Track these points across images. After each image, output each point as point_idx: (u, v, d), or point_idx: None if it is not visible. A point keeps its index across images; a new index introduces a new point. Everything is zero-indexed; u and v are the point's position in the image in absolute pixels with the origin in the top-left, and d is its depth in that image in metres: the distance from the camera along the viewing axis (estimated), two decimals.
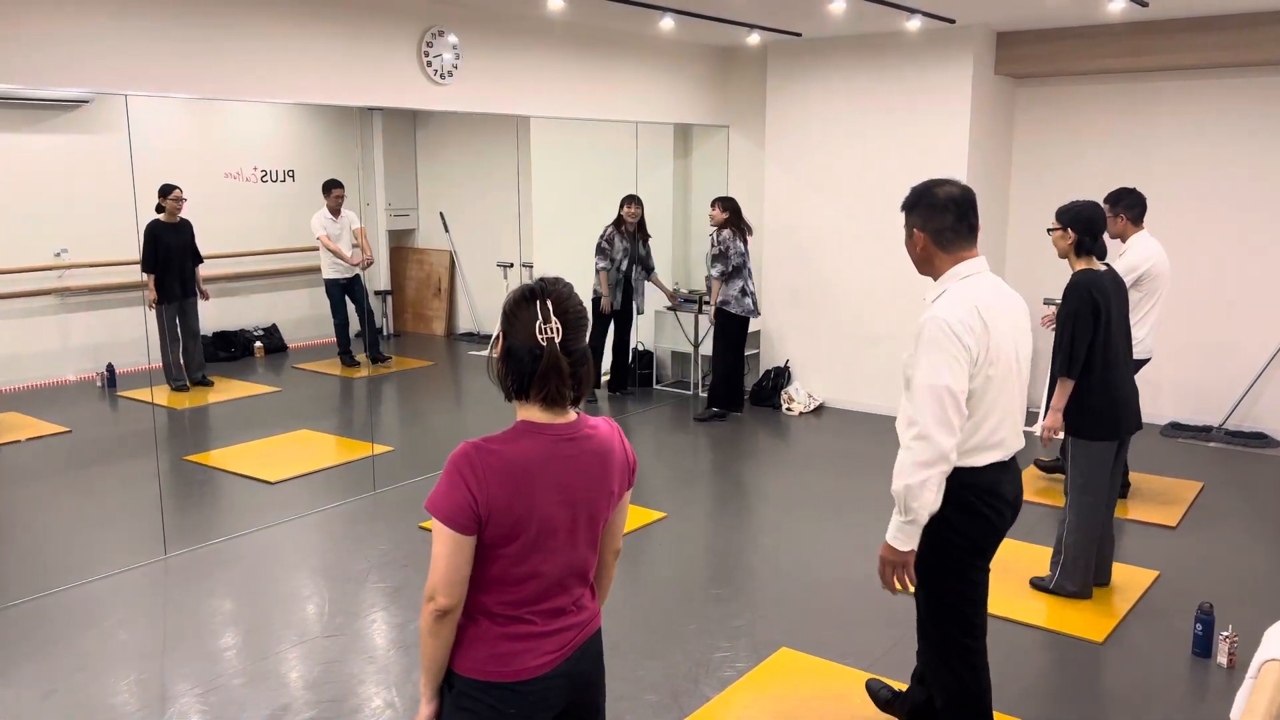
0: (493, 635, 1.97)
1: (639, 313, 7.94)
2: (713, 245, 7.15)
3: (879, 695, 3.44)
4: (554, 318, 1.91)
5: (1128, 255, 5.21)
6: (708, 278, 7.28)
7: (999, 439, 2.74)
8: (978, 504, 2.75)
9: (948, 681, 2.92)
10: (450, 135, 9.89)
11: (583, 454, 1.99)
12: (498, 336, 1.98)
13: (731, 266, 7.09)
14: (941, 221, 2.73)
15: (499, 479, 1.89)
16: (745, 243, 7.20)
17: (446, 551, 1.89)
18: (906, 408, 2.73)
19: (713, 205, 7.24)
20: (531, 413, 1.97)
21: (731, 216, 7.16)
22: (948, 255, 2.75)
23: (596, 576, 2.15)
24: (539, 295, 1.93)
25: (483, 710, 1.97)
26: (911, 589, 2.82)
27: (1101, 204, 5.28)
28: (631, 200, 7.63)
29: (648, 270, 7.84)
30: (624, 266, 7.69)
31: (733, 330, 7.24)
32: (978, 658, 2.90)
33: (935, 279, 2.79)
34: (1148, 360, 5.36)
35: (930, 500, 2.63)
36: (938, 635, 2.90)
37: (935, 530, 2.75)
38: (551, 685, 2.01)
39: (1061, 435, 4.26)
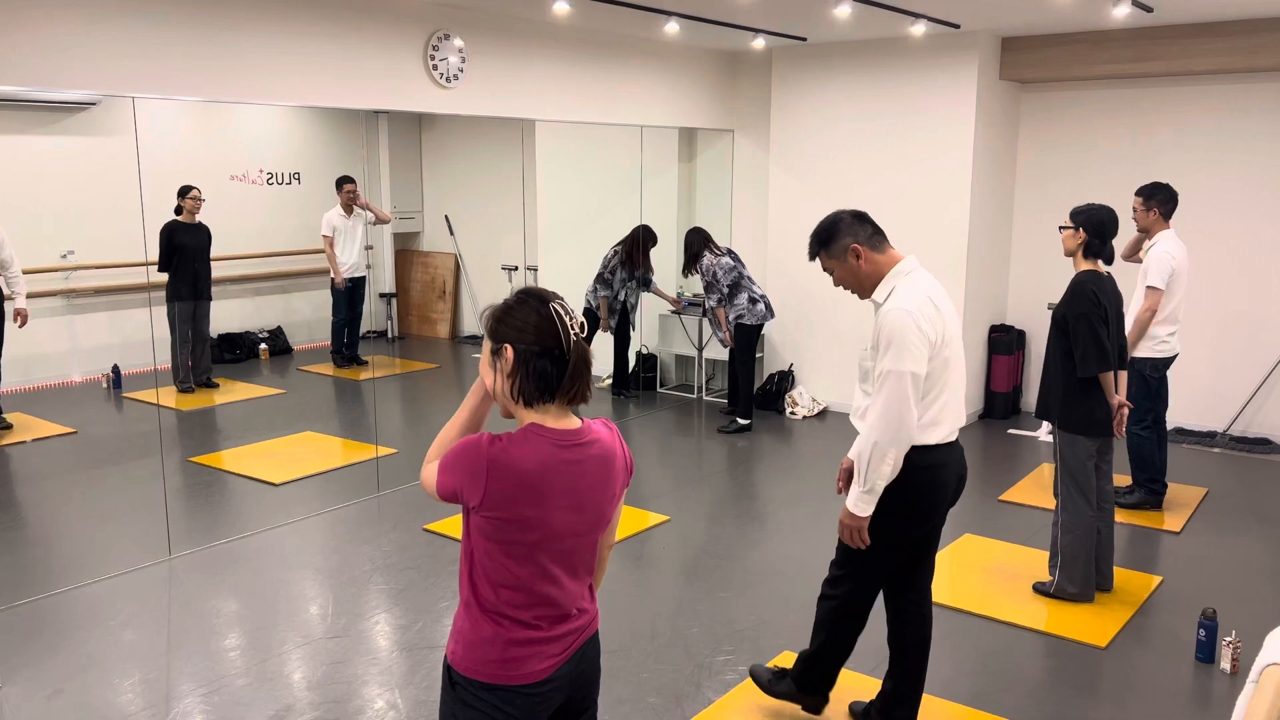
0: (502, 640, 1.98)
1: (633, 328, 8.04)
2: (702, 276, 7.12)
3: (857, 713, 3.49)
4: (576, 316, 1.95)
5: (1156, 249, 5.23)
6: (710, 309, 7.21)
7: (944, 416, 2.98)
8: (922, 482, 3.00)
9: (836, 610, 3.25)
10: (456, 138, 9.92)
11: (588, 460, 1.99)
12: (499, 350, 1.94)
13: (726, 287, 7.02)
14: (865, 230, 3.03)
15: (499, 479, 1.89)
16: (730, 254, 7.12)
17: (437, 480, 1.98)
18: (861, 400, 3.07)
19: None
20: (543, 419, 1.96)
21: (694, 251, 7.10)
22: (883, 256, 3.02)
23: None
24: (548, 298, 1.95)
25: (485, 709, 2.00)
26: (866, 544, 3.06)
27: (1134, 195, 5.36)
28: (651, 240, 7.67)
29: (645, 284, 7.86)
30: (622, 296, 7.78)
31: (751, 340, 7.19)
32: (869, 601, 3.22)
33: (881, 279, 3.02)
34: (1174, 358, 5.39)
35: (887, 472, 2.92)
36: (845, 582, 3.20)
37: (884, 502, 3.00)
38: (552, 687, 2.04)
39: (1125, 412, 4.34)
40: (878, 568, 3.16)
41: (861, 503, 2.98)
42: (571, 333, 1.92)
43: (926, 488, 3.02)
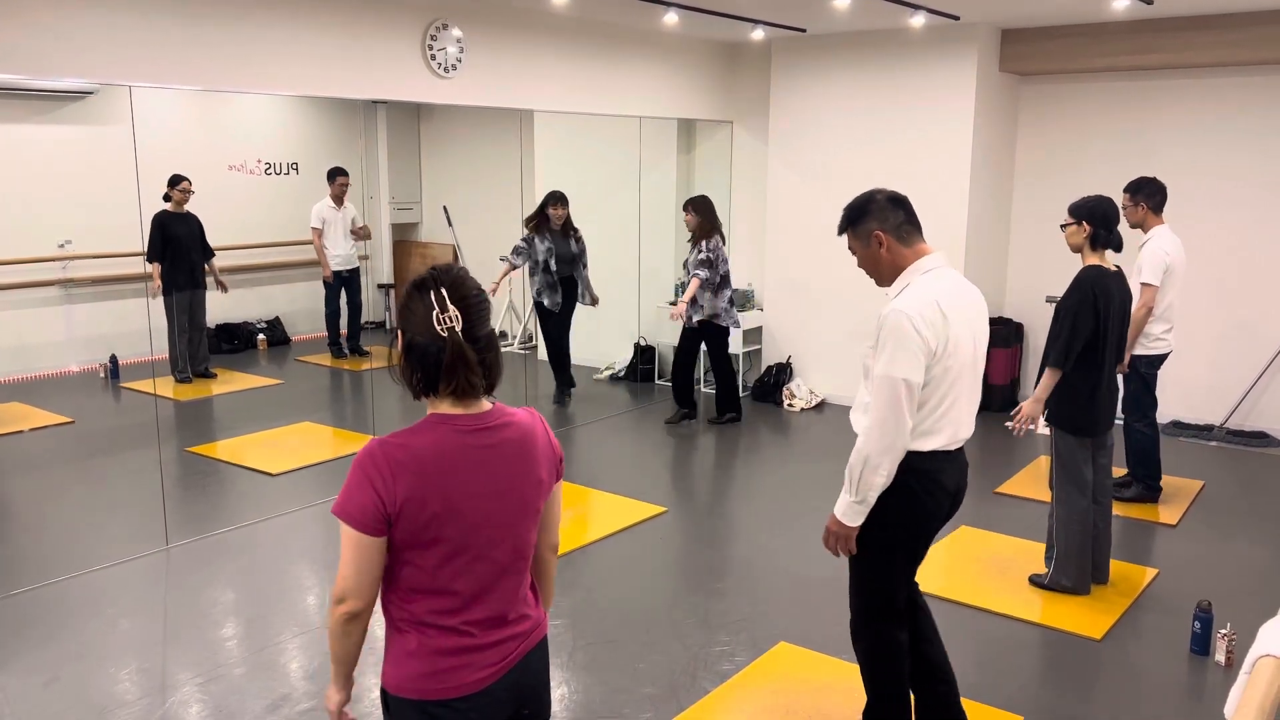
0: (427, 650, 1.85)
1: (593, 303, 7.58)
2: (701, 251, 6.67)
3: None
4: (451, 305, 1.80)
5: (1150, 245, 5.18)
6: (686, 280, 6.75)
7: (944, 426, 2.84)
8: (917, 489, 2.86)
9: (868, 644, 3.09)
10: (454, 129, 9.90)
11: (501, 444, 1.88)
12: (396, 334, 1.88)
13: (720, 276, 6.73)
14: (896, 218, 2.85)
15: (408, 476, 1.78)
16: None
17: (355, 555, 1.79)
18: (863, 396, 2.90)
19: (685, 209, 6.74)
20: (442, 405, 1.87)
21: (706, 220, 6.70)
22: (909, 249, 2.86)
23: (537, 577, 2.05)
24: (432, 284, 1.82)
25: None
26: (850, 554, 2.96)
27: (1122, 193, 5.33)
28: (557, 201, 7.26)
29: (573, 258, 7.42)
30: (552, 266, 7.32)
31: (725, 342, 6.94)
32: (896, 627, 3.06)
33: (900, 275, 2.89)
34: (1167, 355, 5.36)
35: (880, 483, 2.79)
36: (861, 602, 3.07)
37: (877, 511, 2.88)
38: (491, 700, 1.90)
39: (1036, 426, 4.28)
40: (887, 581, 2.99)
41: (851, 512, 2.84)
42: (442, 325, 1.80)
43: (921, 492, 2.86)
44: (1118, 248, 4.27)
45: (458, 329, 1.80)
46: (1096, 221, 4.20)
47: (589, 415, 7.47)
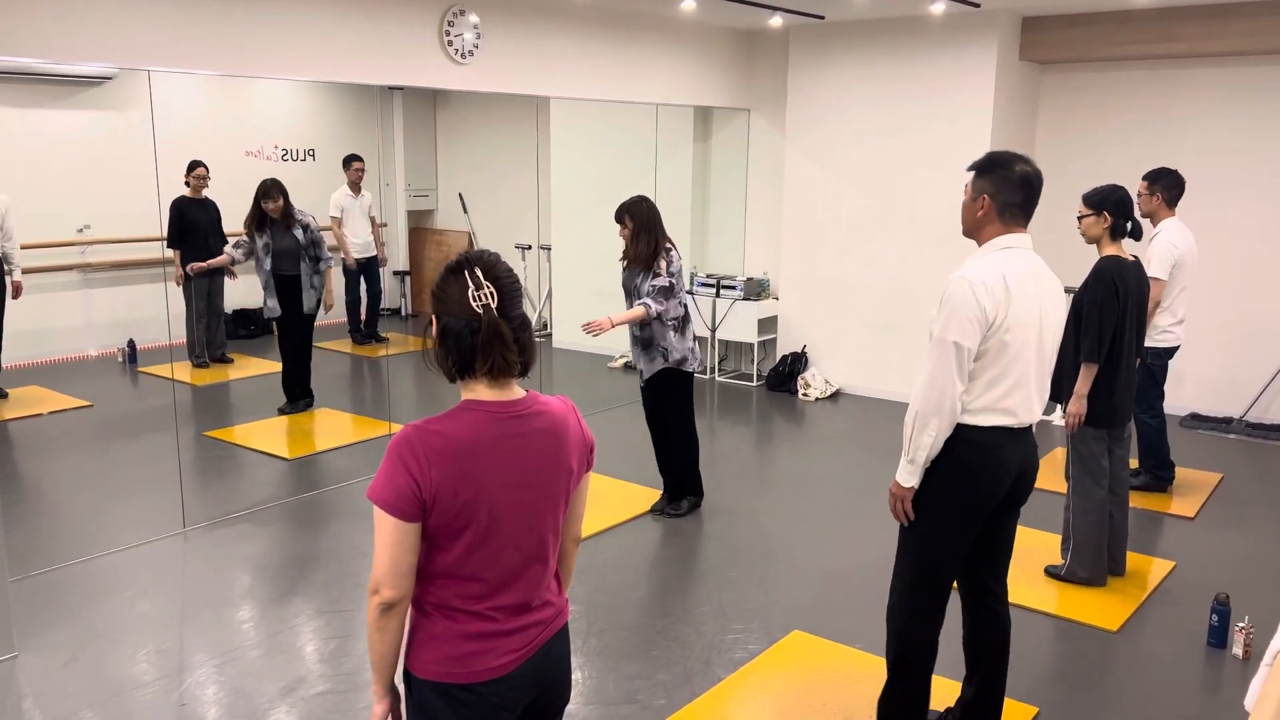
0: (452, 634, 1.87)
1: (320, 310, 6.68)
2: (659, 274, 4.76)
3: None
4: (486, 283, 1.83)
5: (1160, 239, 5.14)
6: (653, 318, 4.78)
7: (1008, 405, 2.82)
8: (973, 462, 2.84)
9: (901, 624, 3.05)
10: (470, 115, 9.89)
11: (533, 432, 1.89)
12: (430, 320, 1.90)
13: (682, 304, 4.88)
14: (1012, 197, 2.87)
15: (443, 461, 1.79)
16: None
17: (390, 541, 1.79)
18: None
19: (623, 221, 4.81)
20: (477, 391, 1.87)
21: (652, 236, 4.78)
22: (1002, 226, 2.89)
23: (559, 566, 2.05)
24: (466, 265, 1.86)
25: (442, 713, 1.88)
26: (910, 520, 2.94)
27: (1140, 180, 5.26)
28: (265, 194, 6.50)
29: (314, 262, 6.60)
30: (268, 265, 6.57)
31: (690, 391, 5.07)
32: (934, 609, 3.03)
33: (980, 244, 2.92)
34: (1176, 349, 5.33)
35: (927, 444, 2.80)
36: (902, 581, 3.04)
37: (930, 478, 2.88)
38: (514, 685, 1.92)
39: (1080, 422, 4.24)
40: (933, 552, 2.95)
41: (904, 472, 2.87)
42: (478, 301, 1.82)
43: (977, 466, 2.83)
44: (1137, 236, 4.22)
45: (493, 305, 1.83)
46: (1117, 211, 4.15)
47: (602, 404, 7.47)
